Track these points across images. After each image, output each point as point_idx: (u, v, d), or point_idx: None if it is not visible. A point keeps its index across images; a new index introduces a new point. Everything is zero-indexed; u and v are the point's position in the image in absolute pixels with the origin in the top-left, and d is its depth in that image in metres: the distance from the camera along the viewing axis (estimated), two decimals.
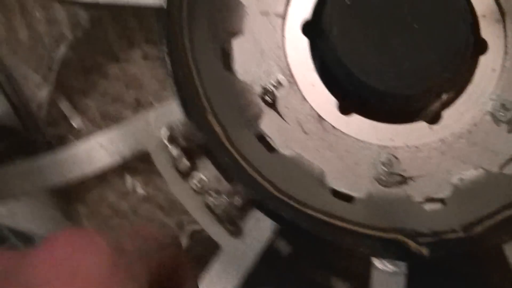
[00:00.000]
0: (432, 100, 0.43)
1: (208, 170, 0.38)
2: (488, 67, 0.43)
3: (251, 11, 0.42)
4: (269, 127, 0.41)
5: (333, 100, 0.42)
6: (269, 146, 0.41)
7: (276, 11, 0.43)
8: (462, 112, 0.42)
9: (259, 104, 0.41)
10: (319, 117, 0.41)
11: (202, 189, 0.37)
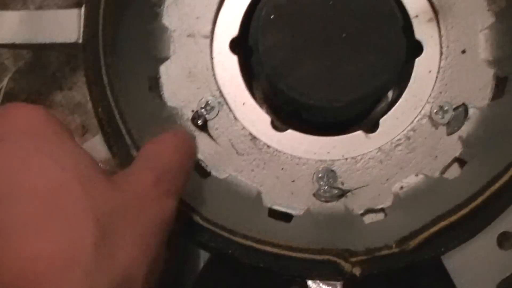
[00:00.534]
0: (367, 108, 0.42)
1: None
2: (424, 69, 0.42)
3: (177, 34, 0.42)
4: (201, 151, 0.40)
5: (266, 117, 0.41)
6: (202, 171, 0.40)
7: (202, 33, 0.42)
8: (399, 118, 0.41)
9: (189, 129, 0.40)
10: (252, 136, 0.41)
11: None
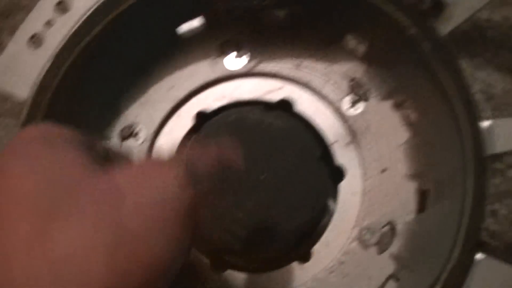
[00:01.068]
0: (299, 241, 0.44)
1: None
2: (349, 192, 0.43)
3: None
4: None
5: (204, 259, 0.44)
6: None
7: None
8: (330, 244, 0.43)
9: None
10: (195, 276, 0.43)
11: None
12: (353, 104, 0.43)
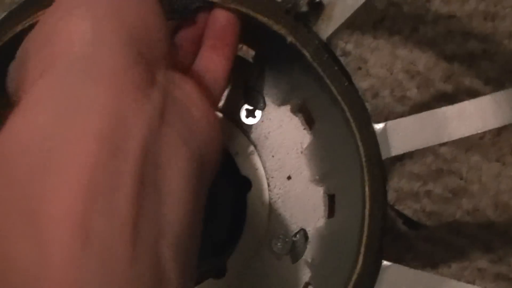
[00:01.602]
0: (212, 257, 0.43)
1: None
2: (257, 203, 0.42)
3: None
4: None
5: None
6: None
7: None
8: (244, 257, 0.42)
9: None
10: None
11: None
12: (249, 113, 0.42)
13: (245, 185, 0.43)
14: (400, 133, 0.37)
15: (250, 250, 0.42)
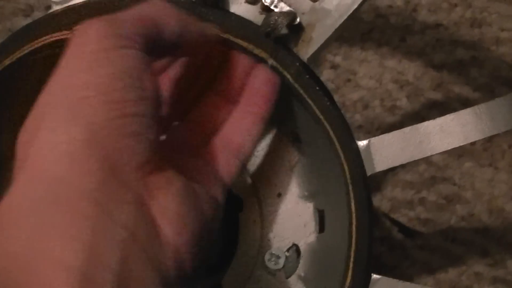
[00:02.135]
0: (207, 277, 0.44)
1: None
2: (249, 220, 0.43)
3: None
4: None
5: None
6: None
7: None
8: (238, 276, 0.43)
9: None
10: None
11: None
12: None
13: (236, 204, 0.43)
14: (384, 149, 0.37)
15: (244, 267, 0.43)
